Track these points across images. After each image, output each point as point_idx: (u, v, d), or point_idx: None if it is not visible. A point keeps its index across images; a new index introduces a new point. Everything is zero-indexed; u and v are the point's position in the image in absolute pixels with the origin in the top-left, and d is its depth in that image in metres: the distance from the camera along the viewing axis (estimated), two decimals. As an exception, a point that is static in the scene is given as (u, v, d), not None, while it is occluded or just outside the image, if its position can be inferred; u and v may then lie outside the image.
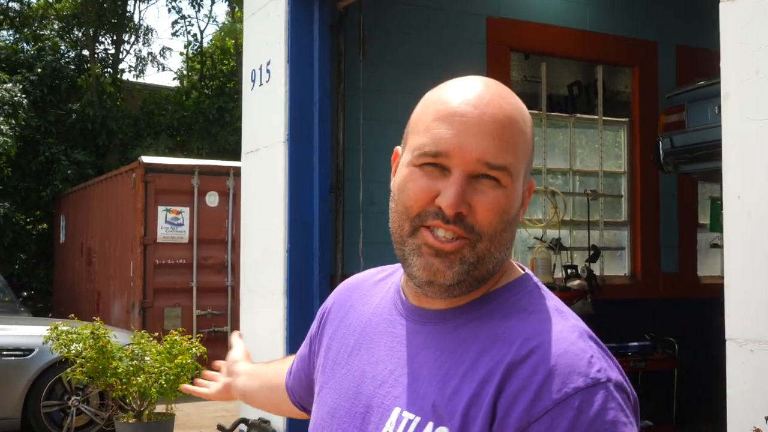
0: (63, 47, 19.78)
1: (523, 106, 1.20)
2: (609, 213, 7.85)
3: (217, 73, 20.61)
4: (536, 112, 7.47)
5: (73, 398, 7.65)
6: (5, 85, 16.40)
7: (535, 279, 1.24)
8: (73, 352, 6.12)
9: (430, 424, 1.10)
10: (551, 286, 6.86)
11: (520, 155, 1.16)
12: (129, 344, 6.29)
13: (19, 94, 16.58)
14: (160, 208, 10.84)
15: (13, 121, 15.92)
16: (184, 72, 22.15)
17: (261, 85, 5.91)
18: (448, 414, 1.09)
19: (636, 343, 6.98)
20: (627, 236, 7.80)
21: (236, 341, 1.90)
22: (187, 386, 1.95)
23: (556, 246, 7.30)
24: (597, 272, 7.47)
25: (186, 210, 10.95)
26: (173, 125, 19.34)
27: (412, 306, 1.23)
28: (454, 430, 1.07)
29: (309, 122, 5.47)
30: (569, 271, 7.26)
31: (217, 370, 1.90)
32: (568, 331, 1.10)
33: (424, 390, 1.13)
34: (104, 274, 12.77)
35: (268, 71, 5.78)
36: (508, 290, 1.19)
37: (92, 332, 6.04)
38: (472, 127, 1.13)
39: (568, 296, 6.87)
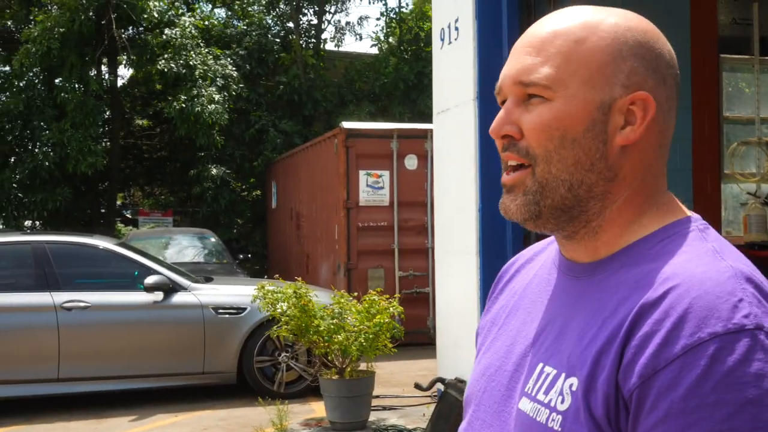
0: (269, 21, 20.65)
1: (607, 19, 1.08)
2: (835, 164, 7.16)
3: (414, 38, 20.75)
4: (747, 57, 6.90)
5: (283, 354, 8.06)
6: (219, 61, 17.40)
7: (700, 222, 1.08)
8: (279, 310, 6.40)
9: (563, 376, 1.02)
10: (765, 245, 6.37)
11: (573, 64, 1.06)
12: (331, 304, 6.50)
13: (230, 68, 17.54)
14: (362, 172, 11.11)
15: (226, 93, 16.87)
16: (381, 38, 22.45)
17: (450, 43, 5.85)
18: (579, 363, 1.00)
19: None
20: None
21: None
22: None
23: (773, 201, 6.76)
24: (821, 229, 6.84)
25: (386, 173, 11.15)
26: (374, 92, 19.74)
27: (564, 259, 1.16)
28: (582, 379, 0.99)
29: (498, 78, 5.34)
30: (788, 227, 6.70)
31: None
32: (717, 271, 0.96)
33: (566, 344, 1.05)
34: (312, 237, 13.32)
35: (456, 29, 5.71)
36: (659, 235, 1.07)
37: (295, 291, 6.30)
38: (515, 53, 1.11)
39: (786, 255, 6.36)
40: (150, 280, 7.86)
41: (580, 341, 1.02)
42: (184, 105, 16.07)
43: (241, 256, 16.62)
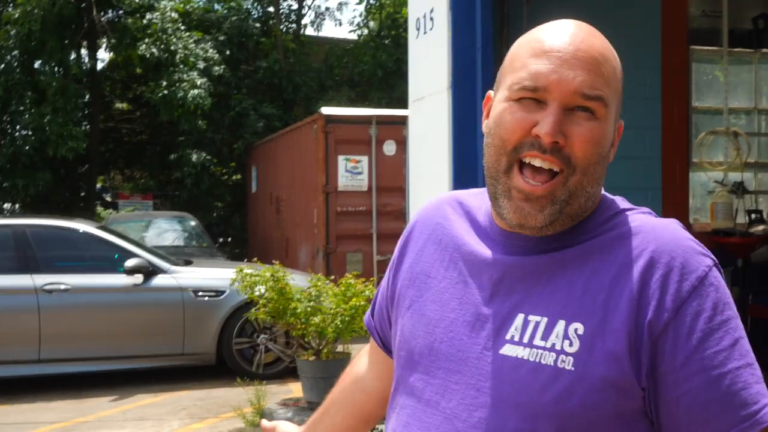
0: (249, 6, 20.64)
1: (613, 50, 1.25)
2: (799, 153, 7.36)
3: (392, 24, 20.82)
4: (716, 48, 7.07)
5: (261, 336, 8.21)
6: (200, 45, 17.41)
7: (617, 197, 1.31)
8: (257, 293, 6.54)
9: (562, 323, 1.16)
10: (731, 232, 6.57)
11: (613, 91, 1.21)
12: (308, 287, 6.64)
13: (210, 51, 17.57)
14: (340, 158, 11.23)
15: (205, 78, 16.91)
16: (361, 24, 22.50)
17: (425, 33, 5.98)
18: (582, 311, 1.15)
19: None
20: (819, 178, 7.30)
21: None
22: None
23: (739, 189, 6.95)
24: (785, 217, 7.06)
25: (365, 159, 11.28)
26: (353, 78, 19.82)
27: (507, 232, 1.27)
28: (593, 324, 1.14)
29: (472, 68, 5.47)
30: (753, 215, 6.90)
31: None
32: (671, 225, 1.21)
33: (547, 297, 1.19)
34: (291, 221, 13.43)
35: (431, 19, 5.83)
36: (601, 206, 1.26)
37: (272, 275, 6.43)
38: (568, 61, 1.18)
39: (750, 242, 6.55)
40: (130, 263, 7.96)
41: (569, 294, 1.17)
42: (166, 92, 16.06)
43: (221, 240, 16.68)
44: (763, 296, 6.57)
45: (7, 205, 18.24)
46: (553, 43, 1.20)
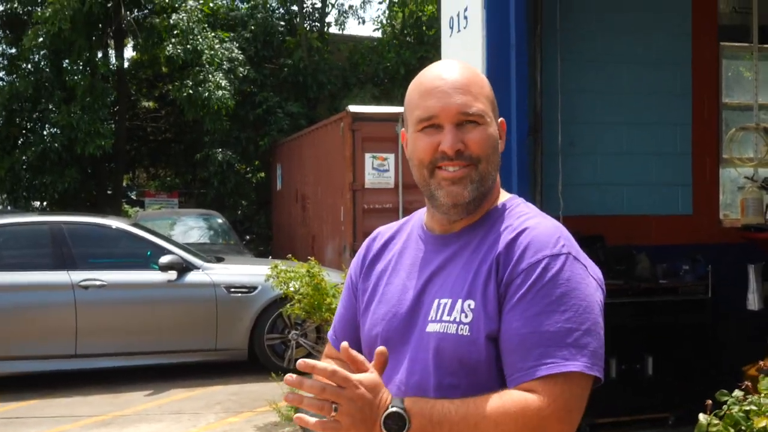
0: (273, 4, 20.74)
1: (480, 72, 1.74)
2: (830, 149, 7.34)
3: (416, 21, 20.84)
4: (746, 45, 7.08)
5: (293, 332, 8.31)
6: (224, 44, 17.54)
7: (520, 198, 1.76)
8: (292, 289, 6.62)
9: (460, 301, 1.60)
10: (762, 228, 6.58)
11: (485, 102, 1.67)
12: (341, 282, 6.72)
13: (236, 51, 17.68)
14: (367, 155, 11.29)
15: (232, 76, 17.01)
16: (384, 22, 22.53)
17: (459, 31, 6.04)
18: (473, 290, 1.59)
19: None
20: None
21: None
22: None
23: (770, 185, 6.95)
24: (816, 212, 7.04)
25: (391, 156, 11.33)
26: (377, 75, 19.87)
27: (435, 236, 1.74)
28: (478, 298, 1.58)
29: (506, 65, 5.52)
30: (784, 211, 6.90)
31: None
32: (545, 223, 1.63)
33: (453, 283, 1.63)
34: (317, 218, 13.52)
35: (465, 17, 5.89)
36: (503, 206, 1.71)
37: (308, 271, 6.51)
38: (446, 92, 1.65)
39: (780, 237, 6.56)
40: (164, 259, 8.08)
41: (466, 278, 1.62)
42: (191, 91, 16.18)
43: (248, 237, 16.75)
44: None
45: (36, 203, 18.44)
46: (433, 82, 1.67)
